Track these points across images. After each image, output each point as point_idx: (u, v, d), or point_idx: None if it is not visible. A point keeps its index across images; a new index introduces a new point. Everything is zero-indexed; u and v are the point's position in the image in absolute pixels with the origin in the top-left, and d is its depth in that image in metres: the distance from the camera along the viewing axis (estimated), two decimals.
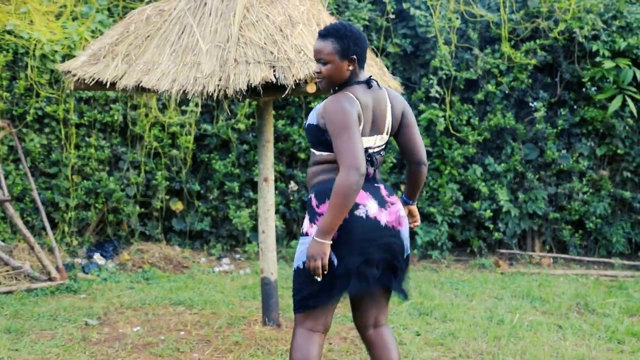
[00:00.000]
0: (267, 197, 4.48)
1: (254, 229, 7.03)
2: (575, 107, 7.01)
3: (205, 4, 4.11)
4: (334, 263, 2.54)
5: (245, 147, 7.00)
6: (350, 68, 2.66)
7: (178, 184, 7.01)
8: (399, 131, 2.79)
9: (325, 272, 2.51)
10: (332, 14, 6.34)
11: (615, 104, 6.62)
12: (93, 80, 3.95)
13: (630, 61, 6.63)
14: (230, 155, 6.98)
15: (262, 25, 3.92)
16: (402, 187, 6.94)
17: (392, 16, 6.71)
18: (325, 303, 2.60)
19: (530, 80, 6.87)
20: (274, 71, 3.76)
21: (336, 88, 2.73)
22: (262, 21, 3.94)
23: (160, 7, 4.23)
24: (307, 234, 2.63)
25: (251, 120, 6.96)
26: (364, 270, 2.55)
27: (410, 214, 2.99)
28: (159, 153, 6.91)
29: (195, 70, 3.86)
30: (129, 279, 5.83)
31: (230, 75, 3.79)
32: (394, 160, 6.88)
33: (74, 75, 4.01)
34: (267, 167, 4.48)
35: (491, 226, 6.96)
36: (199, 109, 6.83)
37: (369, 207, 2.59)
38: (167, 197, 6.97)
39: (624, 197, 6.96)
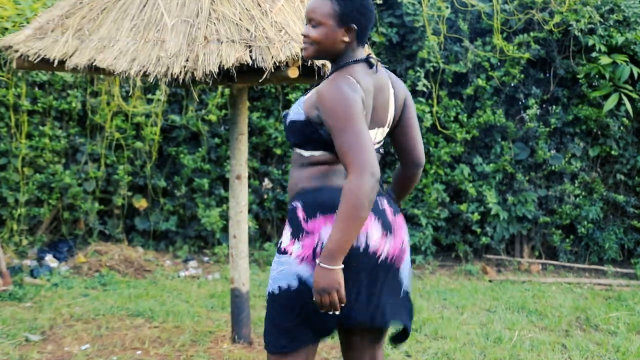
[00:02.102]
0: (240, 197, 3.96)
1: (225, 229, 6.50)
2: (568, 104, 6.60)
3: None
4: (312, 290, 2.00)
5: (216, 140, 6.46)
6: (346, 40, 2.14)
7: (142, 179, 6.44)
8: (397, 125, 2.28)
9: (343, 305, 1.97)
10: None
11: (610, 103, 6.22)
12: (38, 57, 3.38)
13: (627, 57, 6.24)
14: (200, 149, 6.43)
15: None
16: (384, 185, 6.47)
17: (378, 1, 6.21)
18: (305, 343, 2.08)
19: (522, 76, 6.44)
20: (250, 52, 3.24)
21: (323, 69, 2.19)
22: None
23: None
24: (285, 252, 2.09)
25: (223, 111, 6.42)
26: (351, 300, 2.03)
27: None
28: (121, 145, 6.33)
29: (159, 49, 3.32)
30: (83, 285, 5.25)
31: (199, 55, 3.25)
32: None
33: (16, 52, 3.43)
34: (240, 163, 3.96)
35: (478, 230, 6.52)
36: (166, 98, 6.26)
37: (370, 233, 2.05)
38: (130, 193, 6.40)
39: (616, 200, 6.58)
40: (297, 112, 2.16)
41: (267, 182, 6.76)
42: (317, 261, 1.93)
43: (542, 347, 3.86)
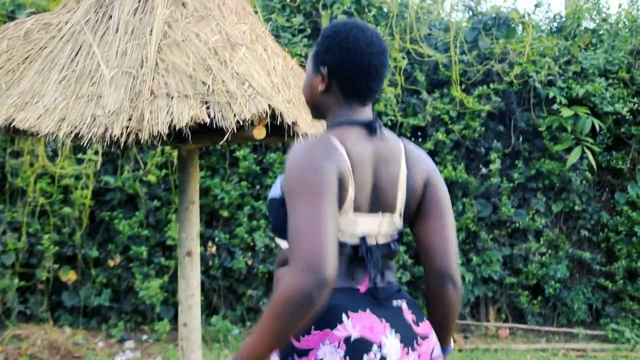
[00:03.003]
0: (191, 278, 3.36)
1: (165, 302, 5.81)
2: (530, 158, 6.32)
3: (110, 17, 3.02)
4: None
5: (156, 203, 5.81)
6: (321, 88, 1.67)
7: (70, 248, 5.70)
8: (417, 216, 1.70)
9: None
10: None
11: (574, 156, 5.97)
12: None
13: (588, 109, 6.04)
14: (137, 213, 5.76)
15: (191, 46, 2.87)
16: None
17: None
18: None
19: (482, 129, 6.13)
20: (208, 108, 2.70)
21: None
22: (191, 41, 2.88)
23: (46, 19, 3.10)
24: None
25: (164, 171, 5.80)
26: None
27: None
28: (46, 211, 5.59)
29: (94, 106, 2.75)
30: None
31: (145, 113, 2.70)
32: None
33: None
34: (192, 237, 3.37)
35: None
36: (100, 158, 5.60)
37: (387, 347, 1.50)
38: (56, 265, 5.64)
39: (582, 258, 6.28)
40: (275, 187, 1.64)
41: (210, 245, 6.12)
42: None
43: None
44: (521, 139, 6.31)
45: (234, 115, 2.65)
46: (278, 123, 2.76)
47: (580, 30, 6.60)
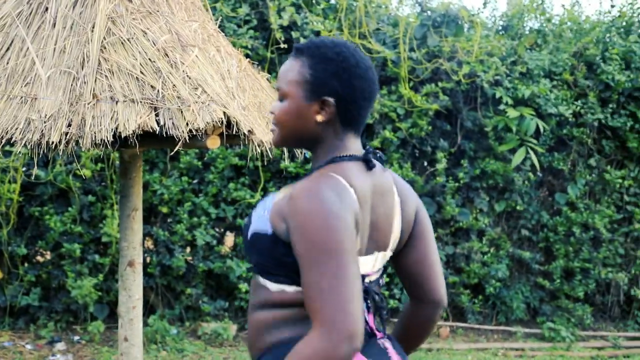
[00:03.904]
0: (133, 289, 3.15)
1: (100, 301, 5.54)
2: (475, 158, 6.32)
3: (47, 9, 2.75)
4: None
5: (90, 198, 5.50)
6: (320, 119, 1.50)
7: None
8: (406, 247, 1.62)
9: None
10: None
11: (518, 157, 6.01)
12: None
13: (533, 111, 6.07)
14: (70, 208, 5.44)
15: (137, 45, 2.64)
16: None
17: (283, 46, 5.60)
18: None
19: (430, 127, 6.08)
20: (157, 115, 2.49)
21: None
22: (137, 40, 2.65)
23: None
24: None
25: (99, 165, 5.49)
26: None
27: None
28: None
29: (29, 109, 2.50)
30: None
31: (87, 118, 2.47)
32: None
33: None
34: (134, 245, 3.15)
35: (386, 293, 6.02)
36: (28, 150, 5.23)
37: None
38: None
39: (522, 257, 6.36)
40: (261, 219, 1.46)
41: (148, 242, 5.86)
42: None
43: None
44: (467, 138, 6.30)
45: (187, 124, 2.45)
46: (233, 131, 2.57)
47: (525, 30, 6.63)
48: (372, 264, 1.51)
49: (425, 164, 6.33)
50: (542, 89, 6.06)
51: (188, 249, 5.82)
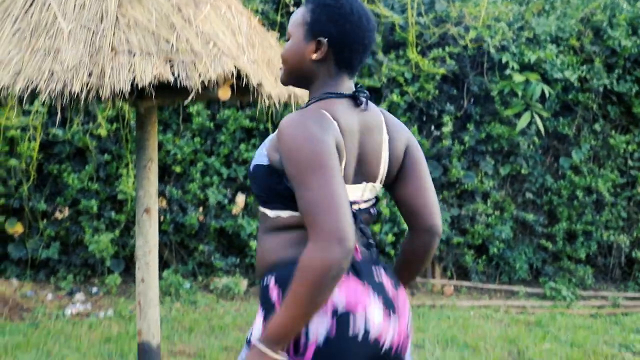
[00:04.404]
0: (149, 235, 3.35)
1: (116, 255, 5.78)
2: (481, 122, 6.45)
3: None
4: None
5: (106, 157, 5.71)
6: (315, 57, 1.65)
7: (17, 201, 5.57)
8: (398, 179, 1.75)
9: None
10: None
11: (523, 121, 6.13)
12: None
13: (539, 76, 6.17)
14: (87, 167, 5.66)
15: (153, 1, 2.80)
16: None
17: (292, 9, 5.73)
18: None
19: (436, 92, 6.21)
20: (172, 67, 2.66)
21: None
22: None
23: None
24: None
25: (114, 125, 5.68)
26: None
27: None
28: None
29: (52, 61, 2.67)
30: None
31: (106, 69, 2.64)
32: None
33: None
34: (150, 194, 3.34)
35: (392, 251, 6.22)
36: (47, 109, 5.43)
37: (370, 315, 1.55)
38: (2, 217, 5.51)
39: (526, 219, 6.51)
40: (261, 154, 1.64)
41: (161, 201, 6.07)
42: (254, 339, 1.51)
43: None
44: (473, 102, 6.42)
45: (199, 75, 2.62)
46: (243, 84, 2.73)
47: None
48: (361, 193, 1.67)
49: (432, 127, 6.46)
50: (549, 54, 6.14)
51: (201, 208, 6.02)
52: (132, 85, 2.61)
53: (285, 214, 1.60)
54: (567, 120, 6.45)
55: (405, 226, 6.08)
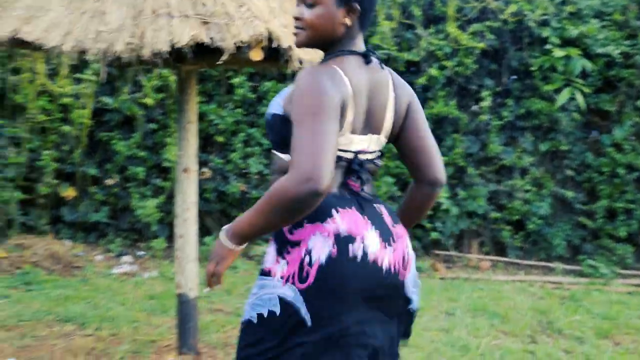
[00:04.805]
0: (188, 193, 3.55)
1: (161, 221, 6.04)
2: (520, 97, 6.46)
3: None
4: (305, 322, 1.66)
5: (152, 125, 5.96)
6: (347, 22, 1.78)
7: (70, 166, 5.89)
8: (401, 134, 1.90)
9: (220, 285, 1.74)
10: None
11: (563, 97, 6.11)
12: None
13: (580, 51, 6.13)
14: (134, 134, 5.92)
15: None
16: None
17: None
18: None
19: (476, 66, 6.24)
20: (207, 29, 2.82)
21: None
22: None
23: None
24: (269, 273, 1.73)
25: (160, 94, 5.92)
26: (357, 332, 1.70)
27: None
28: (46, 128, 5.74)
29: (98, 22, 2.87)
30: (3, 284, 4.70)
31: (147, 31, 2.82)
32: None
33: None
34: (189, 154, 3.53)
35: (428, 225, 6.31)
36: (97, 78, 5.70)
37: (368, 241, 1.71)
38: (56, 181, 5.83)
39: (565, 196, 6.50)
40: (275, 104, 1.81)
41: (206, 171, 6.31)
42: (220, 233, 1.69)
43: (511, 357, 3.65)
44: (512, 77, 6.42)
45: (232, 37, 2.78)
46: (274, 47, 2.88)
47: None
48: (367, 144, 1.81)
49: (471, 102, 6.50)
50: (591, 28, 6.10)
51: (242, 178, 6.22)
52: (171, 46, 2.79)
53: None
54: (610, 96, 6.38)
55: (440, 199, 6.16)
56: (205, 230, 6.28)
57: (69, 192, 5.87)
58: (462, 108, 6.45)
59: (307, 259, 1.66)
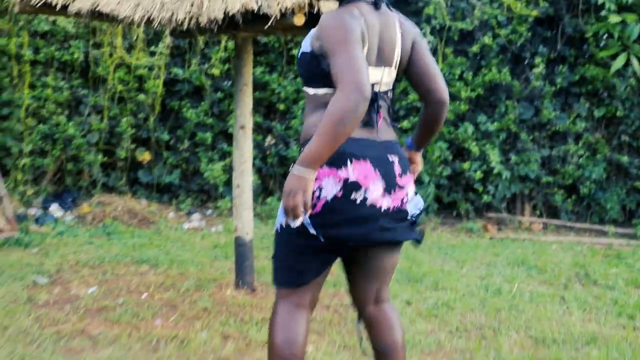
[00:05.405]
0: (244, 148, 3.97)
1: (227, 183, 6.53)
2: (575, 64, 6.55)
3: None
4: (312, 234, 2.03)
5: (219, 94, 6.44)
6: None
7: (145, 132, 6.45)
8: (409, 66, 2.26)
9: (308, 213, 1.98)
10: None
11: (618, 63, 6.17)
12: (41, 1, 3.36)
13: (637, 16, 6.16)
14: (202, 103, 6.42)
15: None
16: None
17: None
18: (310, 278, 2.12)
19: (529, 34, 6.38)
20: None
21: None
22: None
23: None
24: None
25: (226, 65, 6.39)
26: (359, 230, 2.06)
27: (411, 160, 2.41)
28: (124, 98, 6.32)
29: None
30: (87, 234, 5.30)
31: (204, 0, 3.22)
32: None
33: None
34: (244, 114, 3.95)
35: (480, 188, 6.54)
36: (169, 51, 6.22)
37: (370, 191, 2.04)
38: (133, 146, 6.42)
39: (620, 161, 6.58)
40: (306, 43, 2.16)
41: (270, 139, 6.75)
42: (292, 168, 1.94)
43: (540, 299, 3.91)
44: (567, 44, 6.51)
45: (277, 4, 3.15)
46: (315, 11, 3.24)
47: None
48: (381, 76, 2.16)
49: (524, 70, 6.64)
50: None
51: None
52: (224, 13, 3.19)
53: (321, 91, 2.12)
54: None
55: (493, 164, 6.37)
56: (268, 192, 6.76)
57: (144, 156, 6.43)
58: (515, 75, 6.60)
59: (317, 192, 2.02)
